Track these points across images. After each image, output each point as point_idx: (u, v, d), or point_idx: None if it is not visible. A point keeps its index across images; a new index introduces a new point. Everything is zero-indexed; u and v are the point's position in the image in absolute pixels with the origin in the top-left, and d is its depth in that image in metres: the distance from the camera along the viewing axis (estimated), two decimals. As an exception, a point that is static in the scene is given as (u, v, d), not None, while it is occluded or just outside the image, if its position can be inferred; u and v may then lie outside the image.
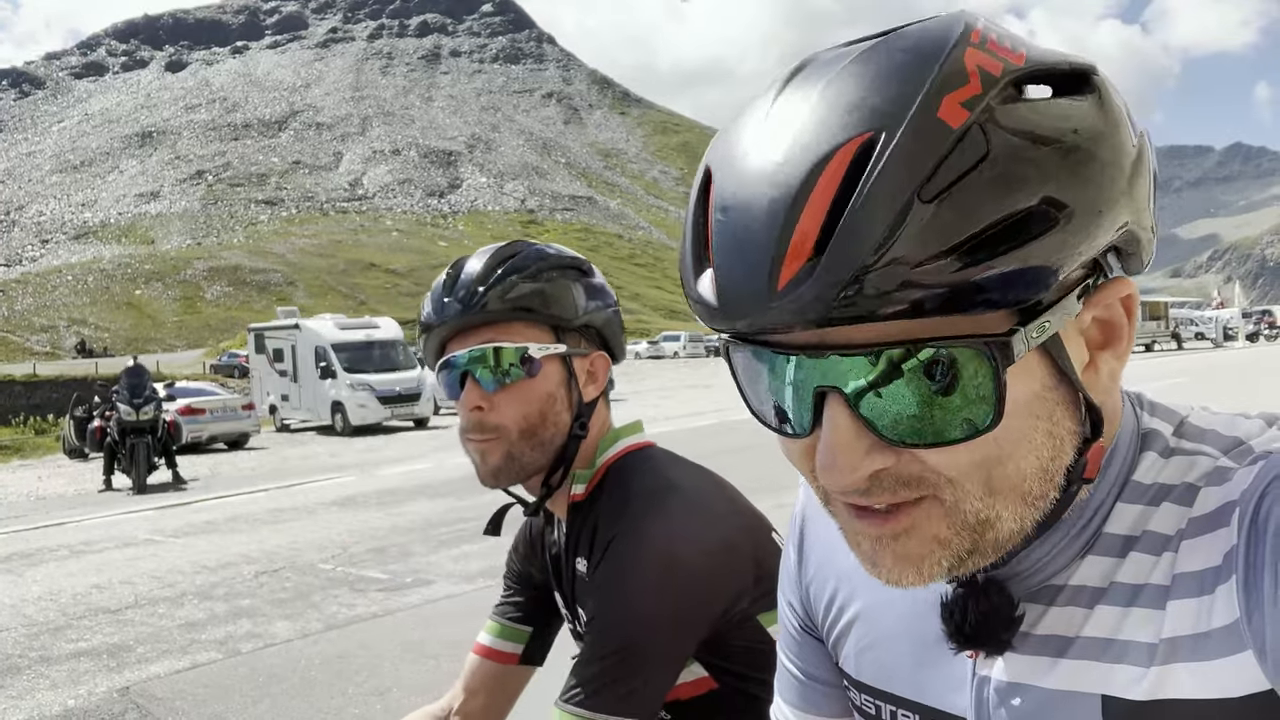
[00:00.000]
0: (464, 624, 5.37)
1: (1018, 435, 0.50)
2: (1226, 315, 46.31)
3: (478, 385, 1.15)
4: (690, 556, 1.06)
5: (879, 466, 0.50)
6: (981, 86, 0.47)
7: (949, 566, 0.53)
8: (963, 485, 0.51)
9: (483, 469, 1.17)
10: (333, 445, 18.06)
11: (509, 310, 1.15)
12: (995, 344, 0.47)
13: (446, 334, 1.17)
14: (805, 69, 0.52)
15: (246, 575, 6.91)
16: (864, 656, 0.70)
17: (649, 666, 1.05)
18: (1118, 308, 0.54)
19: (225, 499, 11.31)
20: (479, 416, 1.15)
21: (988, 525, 0.52)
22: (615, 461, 1.20)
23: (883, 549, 0.53)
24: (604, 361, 1.23)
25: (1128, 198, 0.50)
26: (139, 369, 13.79)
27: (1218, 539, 0.52)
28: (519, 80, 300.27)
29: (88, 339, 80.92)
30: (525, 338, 1.16)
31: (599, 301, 1.22)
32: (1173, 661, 0.52)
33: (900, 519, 0.52)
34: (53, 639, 5.57)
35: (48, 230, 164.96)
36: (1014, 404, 0.49)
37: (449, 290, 1.17)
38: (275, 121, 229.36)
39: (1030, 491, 0.52)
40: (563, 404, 1.18)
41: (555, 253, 1.22)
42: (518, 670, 1.35)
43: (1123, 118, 0.51)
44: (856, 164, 0.46)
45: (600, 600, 1.09)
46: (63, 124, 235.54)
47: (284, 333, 22.66)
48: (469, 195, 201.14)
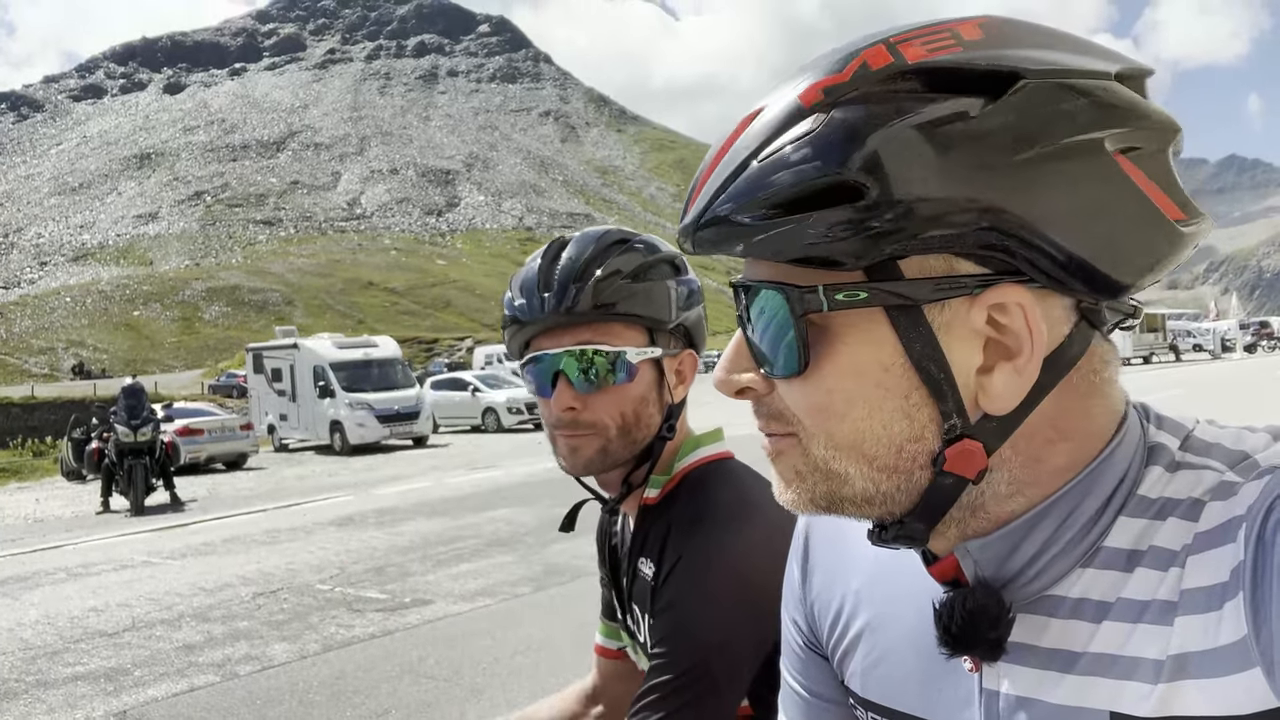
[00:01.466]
0: (464, 644, 5.34)
1: (854, 395, 0.55)
2: (1224, 327, 46.34)
3: (570, 386, 1.11)
4: (761, 582, 1.01)
5: (746, 384, 0.59)
6: (849, 78, 0.53)
7: (814, 500, 0.59)
8: (808, 429, 0.57)
9: (573, 460, 1.14)
10: (331, 465, 18.01)
11: (607, 312, 1.11)
12: (794, 291, 0.54)
13: (537, 330, 1.13)
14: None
15: (244, 597, 6.88)
16: (870, 673, 0.69)
17: (719, 689, 1.02)
18: (1017, 315, 0.54)
19: (223, 520, 11.27)
20: (572, 415, 1.12)
21: (838, 477, 0.57)
22: (693, 470, 1.17)
23: (772, 470, 0.61)
24: (693, 360, 1.20)
25: (988, 196, 0.51)
26: (136, 389, 13.73)
27: (1225, 555, 0.52)
28: (516, 99, 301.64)
29: (85, 360, 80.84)
30: (622, 340, 1.12)
31: (691, 300, 1.19)
32: (1181, 678, 0.52)
33: (774, 443, 0.60)
34: (50, 663, 5.53)
35: (46, 252, 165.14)
36: (849, 365, 0.54)
37: (543, 284, 1.12)
38: (273, 142, 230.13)
39: (878, 457, 0.55)
40: (654, 405, 1.15)
41: (653, 248, 1.18)
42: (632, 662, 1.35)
43: (1054, 120, 0.51)
44: (745, 126, 0.56)
45: (671, 619, 1.06)
46: (61, 146, 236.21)
47: (282, 352, 22.64)
48: (467, 214, 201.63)
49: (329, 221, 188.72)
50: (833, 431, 0.55)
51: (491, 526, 9.11)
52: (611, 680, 1.38)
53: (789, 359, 0.55)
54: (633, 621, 1.20)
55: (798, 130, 0.53)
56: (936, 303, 0.53)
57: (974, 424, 0.55)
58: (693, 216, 0.56)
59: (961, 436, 0.55)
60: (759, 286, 0.56)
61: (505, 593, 6.17)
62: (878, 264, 0.52)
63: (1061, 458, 0.57)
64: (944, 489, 0.56)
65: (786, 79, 0.56)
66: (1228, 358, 41.10)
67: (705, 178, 0.56)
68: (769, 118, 0.54)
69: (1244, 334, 46.47)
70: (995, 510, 0.57)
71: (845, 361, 0.54)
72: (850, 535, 0.73)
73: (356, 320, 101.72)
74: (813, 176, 0.51)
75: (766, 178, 0.53)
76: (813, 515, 0.62)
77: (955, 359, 0.54)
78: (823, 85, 0.53)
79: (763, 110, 0.55)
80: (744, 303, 0.57)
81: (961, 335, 0.54)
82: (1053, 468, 0.57)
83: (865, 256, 0.52)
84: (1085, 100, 0.52)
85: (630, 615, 1.21)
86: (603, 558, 1.34)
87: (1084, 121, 0.52)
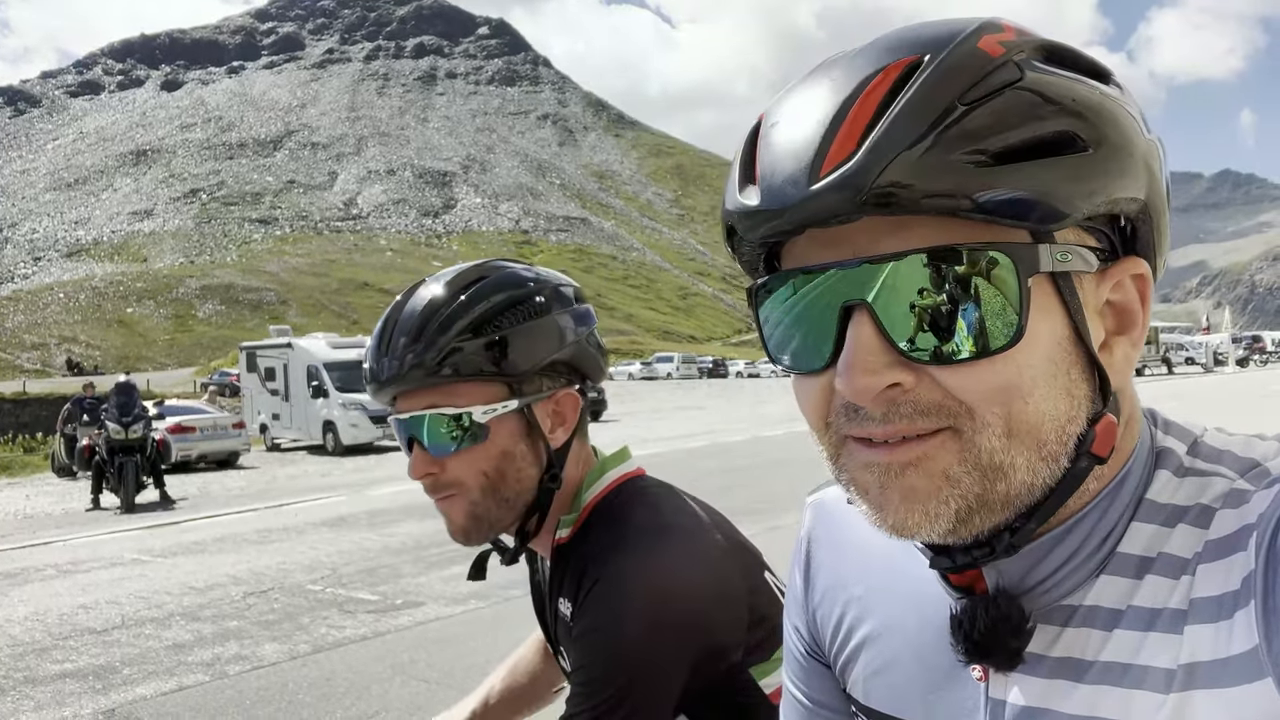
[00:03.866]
0: (455, 646, 5.33)
1: (1039, 372, 0.51)
2: (1216, 340, 46.53)
3: (424, 450, 1.06)
4: (679, 604, 0.98)
5: (898, 379, 0.51)
6: (1016, 37, 0.52)
7: (956, 511, 0.53)
8: (983, 417, 0.51)
9: (450, 528, 1.10)
10: (323, 465, 17.97)
11: (451, 374, 1.03)
12: (1020, 248, 0.49)
13: (392, 393, 1.08)
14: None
15: (234, 596, 6.85)
16: (873, 681, 0.68)
17: (639, 715, 0.97)
18: (1131, 289, 0.55)
19: (214, 519, 11.22)
20: (431, 480, 1.07)
21: (1000, 472, 0.52)
22: (601, 500, 1.11)
23: (890, 485, 0.53)
24: (572, 399, 1.12)
25: (1143, 173, 0.53)
26: (128, 386, 13.69)
27: (1235, 563, 0.51)
28: (514, 102, 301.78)
29: (74, 355, 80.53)
30: (471, 399, 1.05)
31: (567, 334, 1.10)
32: (1191, 688, 0.51)
33: (913, 447, 0.52)
34: (38, 660, 5.50)
35: (40, 248, 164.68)
36: (1036, 338, 0.51)
37: (385, 347, 1.06)
38: (270, 141, 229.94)
39: (1046, 442, 0.52)
40: (525, 459, 1.08)
41: (518, 283, 1.09)
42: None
43: (1137, 114, 0.54)
44: (903, 78, 0.50)
45: (586, 648, 1.00)
46: (57, 142, 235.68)
47: (276, 351, 22.60)
48: (463, 216, 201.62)
49: (325, 221, 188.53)
50: (1014, 415, 0.51)
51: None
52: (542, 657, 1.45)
53: (1001, 330, 0.50)
54: (563, 661, 1.16)
55: (1003, 75, 0.50)
56: (1080, 275, 0.52)
57: (1108, 401, 0.54)
58: (858, 168, 0.48)
59: (1103, 414, 0.54)
60: (963, 248, 0.49)
61: (497, 596, 6.18)
62: (1088, 219, 0.51)
63: (1127, 443, 0.57)
64: (1077, 475, 0.54)
65: (870, 53, 0.52)
66: (1220, 371, 41.26)
67: (845, 132, 0.50)
68: (952, 64, 0.50)
69: (1236, 348, 46.68)
70: (1071, 505, 0.56)
71: (1034, 333, 0.51)
72: (853, 543, 0.72)
73: (351, 321, 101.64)
74: (1050, 127, 0.49)
75: (997, 121, 0.49)
76: (929, 538, 0.54)
77: (1091, 332, 0.53)
78: (998, 39, 0.51)
79: (907, 63, 0.50)
80: (883, 284, 0.50)
81: (1091, 309, 0.53)
82: (1121, 454, 0.57)
83: (1078, 212, 0.50)
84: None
85: (561, 656, 1.17)
86: (534, 601, 1.31)
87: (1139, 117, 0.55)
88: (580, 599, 1.04)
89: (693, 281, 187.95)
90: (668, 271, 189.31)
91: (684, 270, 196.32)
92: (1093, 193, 0.50)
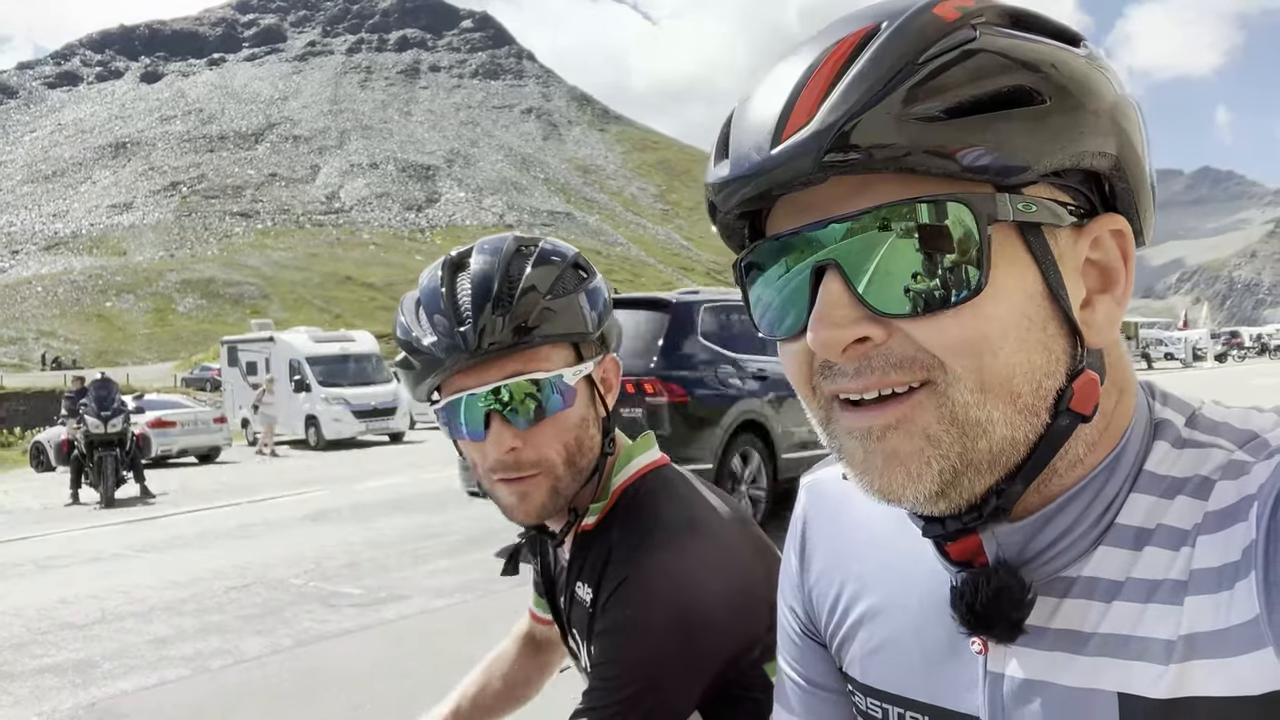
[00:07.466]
0: (439, 640, 5.30)
1: (1009, 325, 0.51)
2: (1195, 336, 46.98)
3: (508, 424, 1.00)
4: (707, 605, 0.98)
5: (867, 333, 0.52)
6: (975, 4, 0.53)
7: (940, 472, 0.53)
8: (954, 370, 0.52)
9: (523, 508, 1.04)
10: (306, 459, 17.86)
11: (533, 337, 1.00)
12: (979, 198, 0.50)
13: (458, 367, 1.00)
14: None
15: (216, 590, 6.79)
16: (870, 659, 0.68)
17: (656, 716, 0.98)
18: (1112, 246, 0.55)
19: (195, 513, 11.14)
20: (514, 456, 1.02)
21: (979, 428, 0.52)
22: (629, 486, 1.09)
23: (874, 450, 0.54)
24: (615, 364, 1.12)
25: (1111, 128, 0.53)
26: (107, 382, 13.62)
27: (1235, 534, 0.51)
28: (498, 96, 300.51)
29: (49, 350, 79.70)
30: (554, 363, 1.02)
31: (602, 301, 1.10)
32: (1191, 659, 0.51)
33: (891, 409, 0.53)
34: (17, 655, 5.43)
35: (18, 241, 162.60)
36: (1005, 291, 0.51)
37: (455, 316, 1.00)
38: (252, 134, 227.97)
39: (1020, 394, 0.52)
40: (594, 424, 1.07)
41: (560, 254, 1.08)
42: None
43: (1110, 74, 0.54)
44: (860, 45, 0.52)
45: (610, 645, 1.00)
46: (35, 134, 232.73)
47: (258, 345, 22.45)
48: (447, 210, 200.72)
49: (307, 215, 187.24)
50: (985, 368, 0.52)
51: (469, 523, 9.06)
52: (535, 639, 1.46)
53: (963, 280, 0.50)
54: (574, 643, 1.16)
55: (958, 38, 0.51)
56: (1052, 229, 0.52)
57: (1087, 357, 0.54)
58: (816, 130, 0.50)
59: (1083, 369, 0.54)
60: (915, 203, 0.50)
61: (483, 589, 6.12)
62: (1046, 175, 0.51)
63: (1125, 414, 0.57)
64: (1059, 432, 0.54)
65: (833, 28, 0.54)
66: (1199, 366, 41.65)
67: (804, 99, 0.51)
68: (908, 28, 0.51)
69: (1215, 343, 47.17)
70: (1068, 476, 0.56)
71: (1002, 285, 0.51)
72: (848, 523, 0.72)
73: (334, 315, 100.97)
74: (1004, 83, 0.50)
75: (953, 80, 0.50)
76: (916, 501, 0.55)
77: (1072, 299, 0.53)
78: (953, 5, 0.52)
79: (864, 32, 0.52)
80: (851, 237, 0.51)
81: (1069, 266, 0.53)
82: (1115, 428, 0.57)
83: (1040, 164, 0.50)
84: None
85: (570, 638, 1.16)
86: (538, 581, 1.30)
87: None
88: (605, 593, 1.03)
89: (677, 276, 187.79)
90: (652, 266, 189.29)
91: (669, 265, 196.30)
92: (1053, 145, 0.50)
